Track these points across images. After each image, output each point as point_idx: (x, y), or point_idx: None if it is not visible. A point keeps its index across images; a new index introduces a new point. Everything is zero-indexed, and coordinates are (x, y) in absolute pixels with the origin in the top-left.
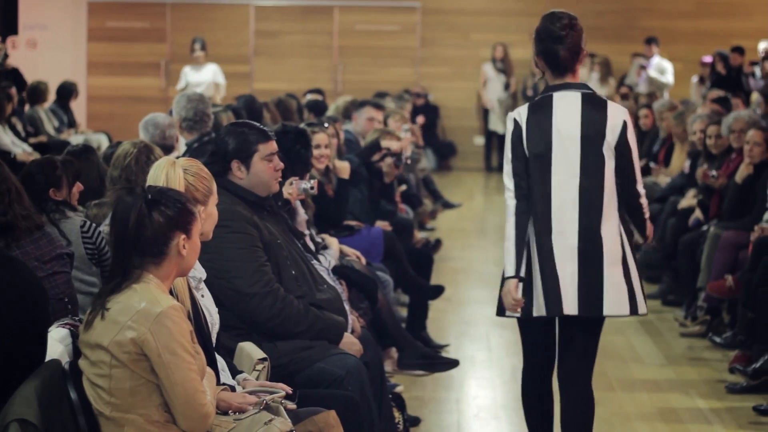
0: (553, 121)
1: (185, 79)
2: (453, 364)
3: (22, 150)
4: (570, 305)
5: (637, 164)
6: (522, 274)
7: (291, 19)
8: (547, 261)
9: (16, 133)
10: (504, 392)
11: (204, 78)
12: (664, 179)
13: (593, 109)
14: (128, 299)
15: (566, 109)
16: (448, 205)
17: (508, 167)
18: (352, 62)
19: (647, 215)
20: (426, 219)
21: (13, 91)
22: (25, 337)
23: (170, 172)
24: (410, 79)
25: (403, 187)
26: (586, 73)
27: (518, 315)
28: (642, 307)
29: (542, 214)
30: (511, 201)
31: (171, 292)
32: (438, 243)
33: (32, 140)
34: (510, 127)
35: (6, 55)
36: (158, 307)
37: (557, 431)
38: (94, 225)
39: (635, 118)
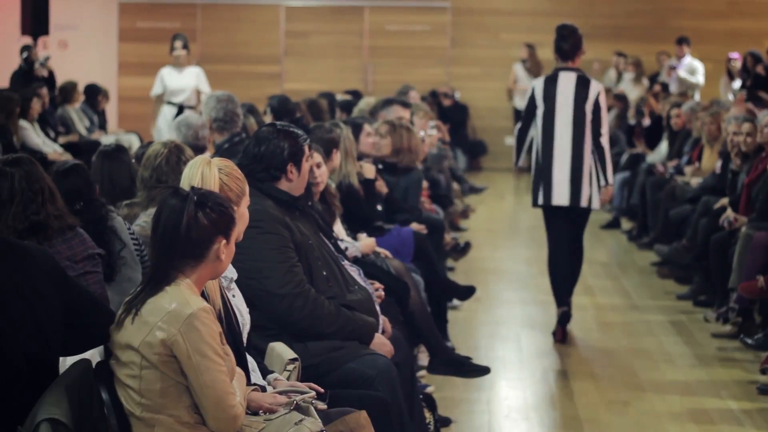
0: (557, 88)
1: (162, 83)
2: (484, 371)
3: (53, 150)
4: (562, 198)
5: (605, 119)
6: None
7: (321, 20)
8: (548, 171)
9: (47, 134)
10: (534, 393)
11: (185, 83)
12: (695, 180)
13: (582, 83)
14: (159, 300)
15: (566, 82)
16: (474, 189)
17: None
18: (382, 62)
19: (608, 156)
20: (457, 219)
21: (44, 91)
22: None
23: (205, 171)
24: (440, 80)
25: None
26: (614, 73)
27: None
28: (595, 204)
29: (547, 143)
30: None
31: (202, 293)
32: (467, 245)
33: (63, 140)
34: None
35: (47, 57)
36: (188, 309)
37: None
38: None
39: (666, 118)
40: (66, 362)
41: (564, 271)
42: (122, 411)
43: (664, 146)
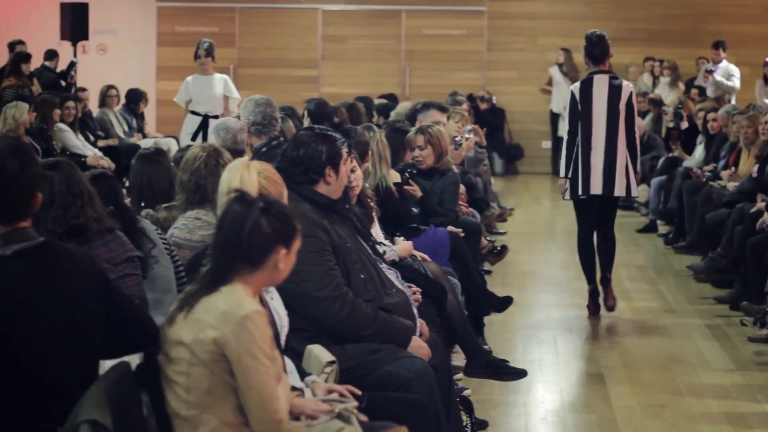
0: (593, 90)
1: (187, 91)
2: (521, 374)
3: (92, 153)
4: (598, 188)
5: (636, 116)
6: (569, 176)
7: (358, 24)
8: (587, 165)
9: (86, 137)
10: (571, 396)
11: (211, 91)
12: (732, 184)
13: (615, 85)
14: (213, 300)
15: (600, 84)
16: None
17: (567, 118)
18: (419, 66)
19: (638, 150)
20: (494, 222)
21: (86, 94)
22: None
23: (245, 174)
24: (477, 83)
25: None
26: (648, 77)
27: (567, 198)
28: (634, 192)
29: (586, 140)
30: (566, 134)
31: None
32: (504, 249)
33: (102, 143)
34: (569, 96)
35: (73, 63)
36: (242, 310)
37: None
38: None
39: (703, 122)
40: (105, 364)
41: (591, 251)
42: (163, 412)
43: (699, 150)
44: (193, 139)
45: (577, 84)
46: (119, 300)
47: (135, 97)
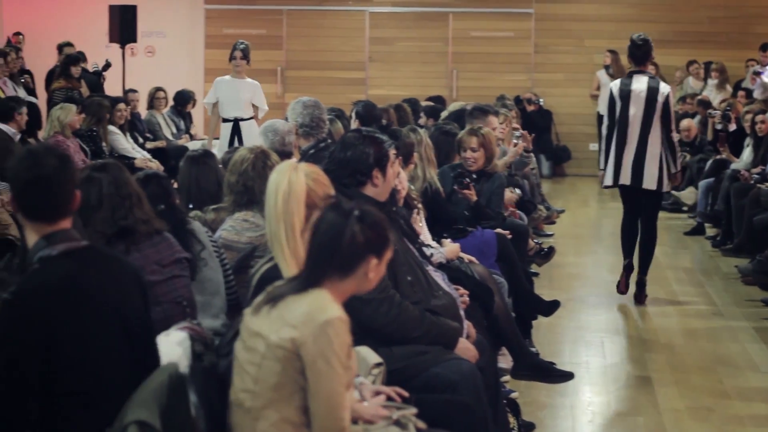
0: (631, 89)
1: (215, 93)
2: (568, 376)
3: (141, 156)
4: (627, 179)
5: (673, 117)
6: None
7: (406, 26)
8: (619, 157)
9: (135, 139)
10: (618, 399)
11: (240, 95)
12: None
13: (652, 84)
14: (299, 300)
15: (639, 83)
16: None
17: (607, 113)
18: (466, 68)
19: (677, 148)
20: (541, 225)
21: (136, 96)
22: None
23: (293, 176)
24: (524, 86)
25: (515, 193)
26: (694, 80)
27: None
28: (665, 187)
29: (621, 135)
30: (604, 129)
31: None
32: (551, 251)
33: (150, 145)
34: (608, 93)
35: (109, 64)
36: (325, 315)
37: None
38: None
39: (751, 124)
40: None
41: (633, 233)
42: (211, 414)
43: (747, 152)
44: (231, 144)
45: (617, 82)
46: (148, 317)
47: (183, 99)
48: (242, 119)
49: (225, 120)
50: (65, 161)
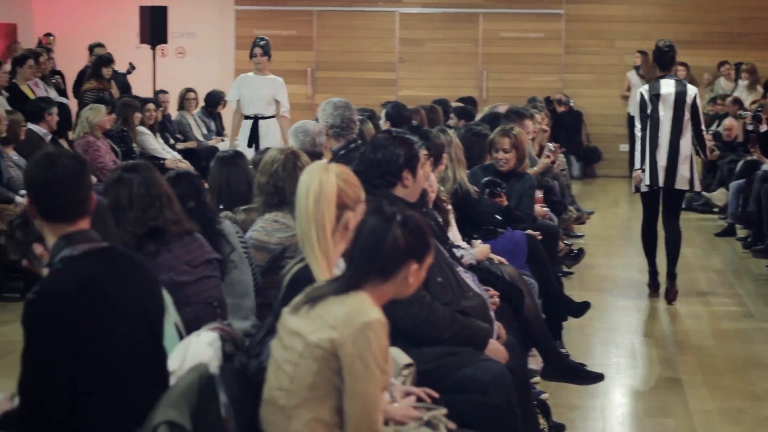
0: (660, 93)
1: (237, 91)
2: (598, 377)
3: (171, 156)
4: (662, 181)
5: (702, 117)
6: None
7: (436, 27)
8: (654, 160)
9: (166, 140)
10: (649, 400)
11: (262, 93)
12: None
13: (680, 87)
14: (340, 301)
15: (667, 86)
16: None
17: (638, 116)
18: (496, 69)
19: (707, 143)
20: (571, 226)
21: (167, 97)
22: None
23: (323, 177)
24: (554, 86)
25: (539, 195)
26: (725, 81)
27: (641, 188)
28: (696, 187)
29: (653, 138)
30: (638, 132)
31: None
32: (581, 252)
33: (180, 146)
34: (638, 96)
35: (133, 67)
36: (365, 317)
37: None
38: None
39: None
40: (184, 365)
41: (654, 238)
42: (242, 415)
43: None
44: (249, 145)
45: (646, 86)
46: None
47: (213, 100)
48: (263, 117)
49: (245, 117)
50: (81, 162)
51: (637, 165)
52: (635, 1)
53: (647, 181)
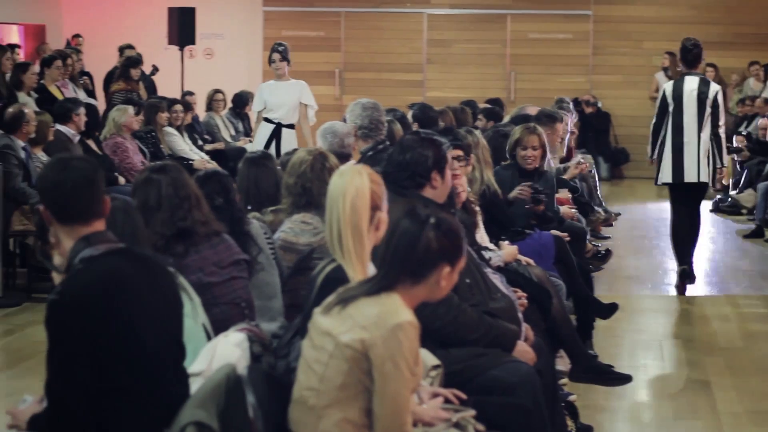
0: (683, 88)
1: (261, 98)
2: (626, 379)
3: (199, 157)
4: (692, 177)
5: (722, 114)
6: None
7: (464, 28)
8: (679, 156)
9: (194, 141)
10: (677, 402)
11: (286, 98)
12: None
13: (704, 84)
14: (371, 302)
15: (691, 84)
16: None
17: (657, 109)
18: (524, 71)
19: (724, 144)
20: (599, 227)
21: (194, 99)
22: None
23: (357, 180)
24: (582, 87)
25: (567, 196)
26: (754, 82)
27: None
28: (705, 179)
29: (677, 133)
30: (653, 120)
31: None
32: (608, 253)
33: (208, 147)
34: (661, 92)
35: (156, 69)
36: (397, 319)
37: None
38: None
39: None
40: (212, 366)
41: (684, 235)
42: (268, 416)
43: None
44: (266, 147)
45: (670, 84)
46: None
47: (241, 101)
48: (285, 125)
49: (267, 120)
50: (93, 164)
51: (650, 154)
52: (663, 2)
53: (670, 178)
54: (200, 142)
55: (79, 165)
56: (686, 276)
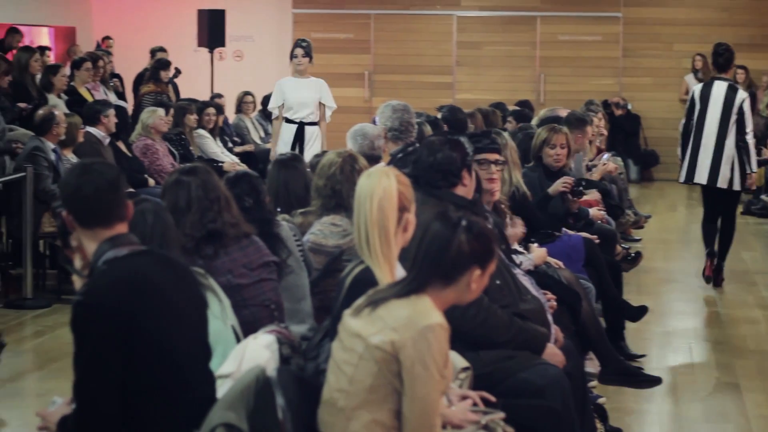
0: (711, 92)
1: (281, 95)
2: (655, 381)
3: (229, 160)
4: (702, 179)
5: (749, 120)
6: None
7: (493, 30)
8: (695, 157)
9: (224, 143)
10: (706, 405)
11: (307, 96)
12: None
13: (731, 90)
14: (401, 304)
15: (719, 88)
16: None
17: (686, 114)
18: (553, 73)
19: (752, 149)
20: (629, 230)
21: (223, 101)
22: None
23: (385, 181)
24: (612, 90)
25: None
26: None
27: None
28: (736, 186)
29: (698, 135)
30: (682, 123)
31: None
32: (638, 256)
33: (238, 149)
34: (690, 94)
35: (179, 71)
36: (426, 320)
37: None
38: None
39: None
40: (242, 368)
41: (713, 229)
42: (298, 417)
43: None
44: (291, 148)
45: (699, 86)
46: None
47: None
48: (307, 123)
49: (289, 121)
50: (114, 168)
51: (680, 155)
52: (694, 3)
53: (683, 177)
54: (230, 145)
55: (101, 169)
56: (713, 256)
